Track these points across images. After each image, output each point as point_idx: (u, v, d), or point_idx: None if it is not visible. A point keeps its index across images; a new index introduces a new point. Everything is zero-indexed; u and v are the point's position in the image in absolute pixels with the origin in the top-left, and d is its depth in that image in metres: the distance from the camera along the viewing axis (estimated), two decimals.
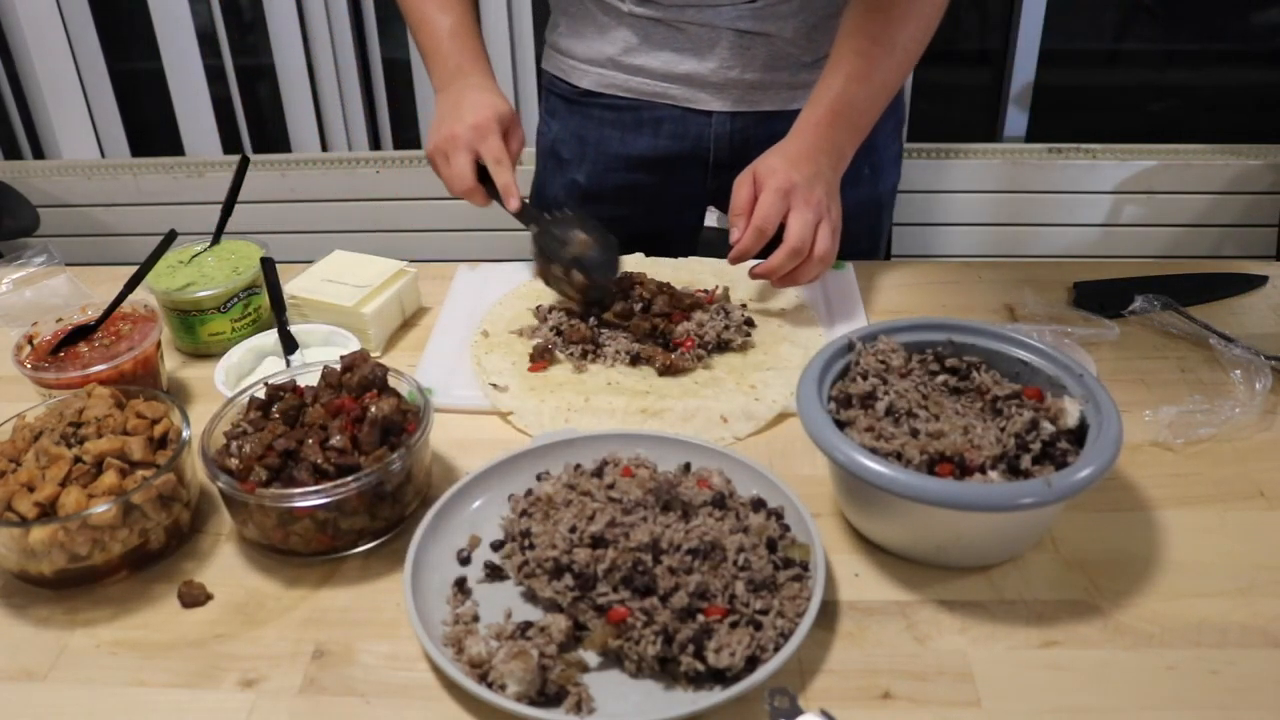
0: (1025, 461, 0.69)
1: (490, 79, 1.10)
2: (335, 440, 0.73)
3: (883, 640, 0.67)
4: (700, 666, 0.62)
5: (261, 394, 0.79)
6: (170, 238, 0.99)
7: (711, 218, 1.33)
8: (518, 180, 1.04)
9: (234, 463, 0.73)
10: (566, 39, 1.20)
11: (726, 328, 0.98)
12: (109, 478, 0.71)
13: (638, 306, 0.99)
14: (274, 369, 0.93)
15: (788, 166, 0.96)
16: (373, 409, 0.75)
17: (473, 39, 1.11)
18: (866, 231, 1.28)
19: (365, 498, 0.73)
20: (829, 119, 1.00)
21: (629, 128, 1.20)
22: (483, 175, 1.04)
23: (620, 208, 1.23)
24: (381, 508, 0.74)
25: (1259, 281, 1.07)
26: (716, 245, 1.14)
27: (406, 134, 2.54)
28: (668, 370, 0.94)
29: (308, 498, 0.70)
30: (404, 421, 0.76)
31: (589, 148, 1.23)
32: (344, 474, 0.71)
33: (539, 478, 0.78)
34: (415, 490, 0.78)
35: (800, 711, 0.55)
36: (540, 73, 1.29)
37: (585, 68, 1.19)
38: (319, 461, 0.72)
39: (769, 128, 1.17)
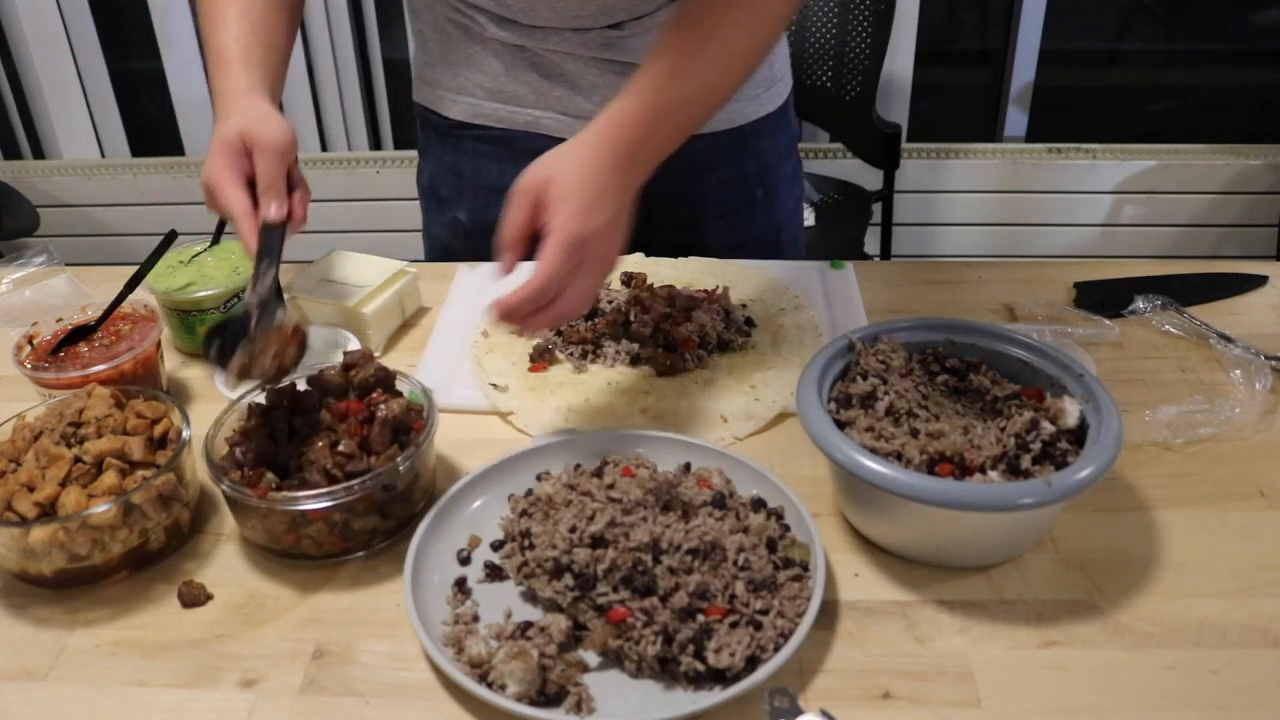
0: (1025, 461, 0.69)
1: (235, 100, 0.87)
2: (344, 443, 0.73)
3: (883, 640, 0.67)
4: (700, 666, 0.62)
5: (262, 399, 0.79)
6: (170, 238, 0.99)
7: None
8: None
9: (241, 469, 0.73)
10: (434, 68, 1.14)
11: (726, 328, 0.98)
12: (109, 478, 0.71)
13: (635, 313, 0.98)
14: None
15: (584, 209, 0.76)
16: (382, 409, 0.75)
17: (240, 61, 0.89)
18: (773, 256, 1.18)
19: (377, 498, 0.73)
20: (637, 120, 0.80)
21: (505, 159, 1.12)
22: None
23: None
24: (392, 507, 0.75)
25: (1259, 281, 1.07)
26: None
27: (406, 134, 2.54)
28: (668, 370, 0.94)
29: (321, 500, 0.70)
30: (411, 421, 0.76)
31: (466, 182, 1.17)
32: (353, 476, 0.72)
33: (539, 478, 0.78)
34: (423, 489, 0.78)
35: (800, 711, 0.55)
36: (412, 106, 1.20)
37: (454, 98, 1.13)
38: (328, 465, 0.72)
39: None
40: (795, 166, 1.26)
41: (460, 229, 1.21)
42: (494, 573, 0.72)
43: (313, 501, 0.70)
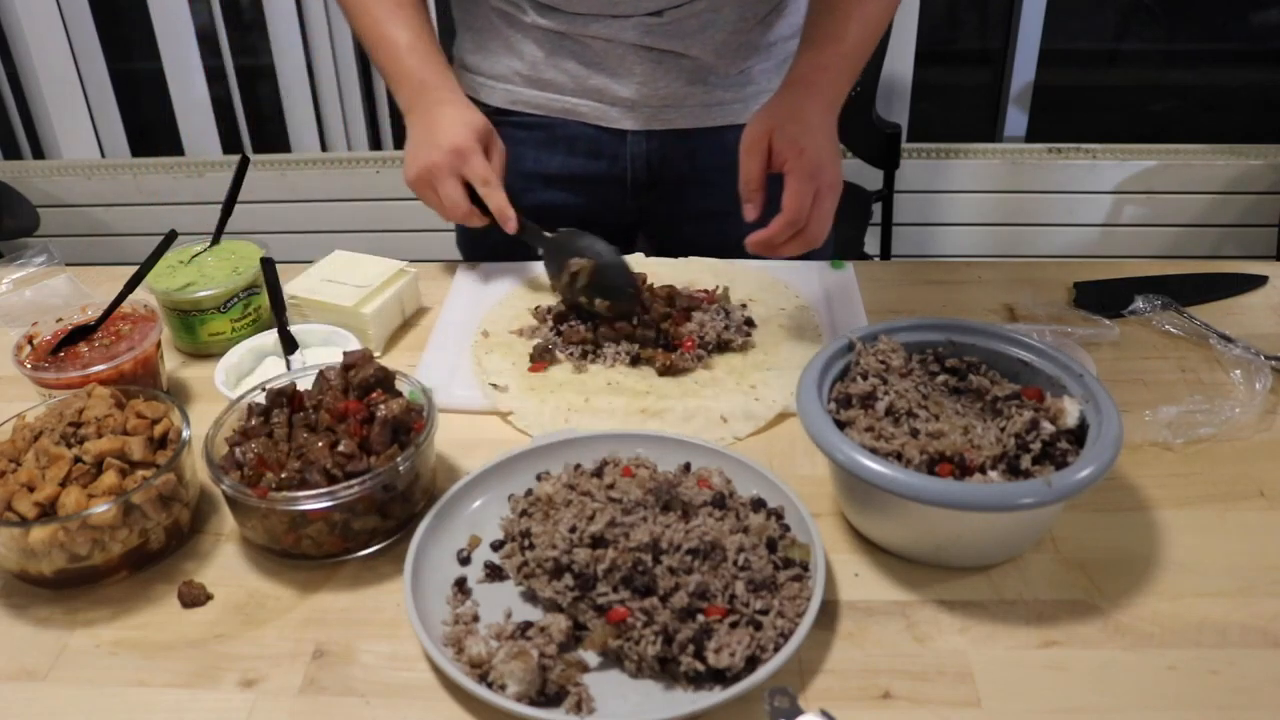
0: (1025, 461, 0.69)
1: (457, 91, 1.05)
2: (344, 443, 0.73)
3: (883, 640, 0.67)
4: (700, 666, 0.62)
5: (261, 399, 0.79)
6: (170, 238, 0.99)
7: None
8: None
9: (241, 469, 0.73)
10: (473, 55, 1.17)
11: (726, 328, 0.98)
12: (109, 478, 0.71)
13: (637, 314, 0.98)
14: (274, 369, 0.93)
15: (813, 142, 0.91)
16: (382, 409, 0.75)
17: (433, 52, 1.05)
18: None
19: (377, 498, 0.73)
20: (828, 62, 0.95)
21: (542, 145, 1.16)
22: (473, 196, 1.02)
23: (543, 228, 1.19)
24: (392, 507, 0.75)
25: (1259, 281, 1.07)
26: None
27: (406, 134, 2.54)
28: (668, 370, 0.94)
29: (321, 500, 0.70)
30: (411, 421, 0.76)
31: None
32: (353, 476, 0.72)
33: (539, 478, 0.78)
34: (423, 489, 0.78)
35: (800, 711, 0.55)
36: None
37: (493, 84, 1.16)
38: (328, 465, 0.72)
39: (686, 146, 1.15)
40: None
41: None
42: (494, 573, 0.72)
43: (313, 501, 0.70)
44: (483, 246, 1.19)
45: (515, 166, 1.17)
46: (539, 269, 1.11)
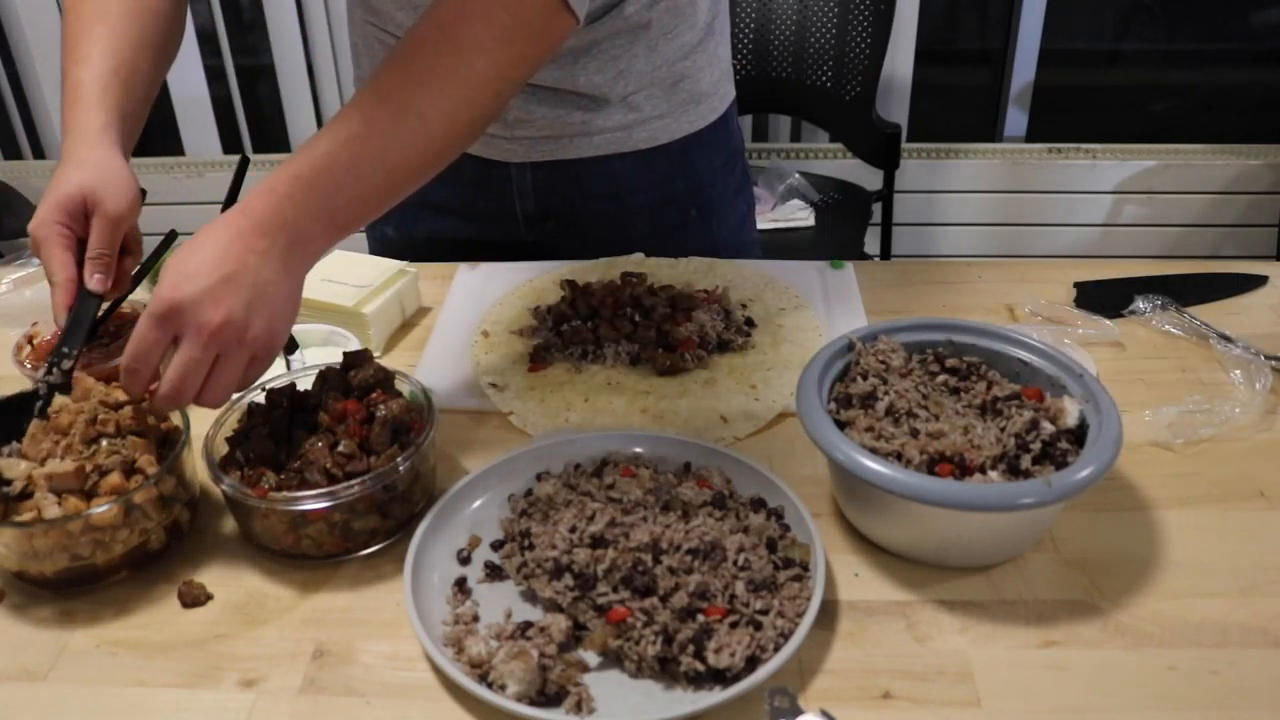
0: (1025, 461, 0.69)
1: (90, 147, 0.82)
2: (344, 443, 0.73)
3: (883, 640, 0.67)
4: (700, 666, 0.62)
5: (262, 399, 0.79)
6: (170, 238, 0.99)
7: None
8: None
9: (241, 469, 0.73)
10: (361, 81, 1.13)
11: (726, 328, 0.98)
12: (110, 478, 0.71)
13: (637, 316, 0.98)
14: (274, 369, 0.92)
15: (175, 282, 0.67)
16: (381, 409, 0.75)
17: (89, 95, 0.83)
18: None
19: (377, 498, 0.73)
20: (290, 186, 0.70)
21: None
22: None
23: (432, 258, 1.14)
24: (392, 508, 0.75)
25: (1259, 281, 1.07)
26: None
27: None
28: (668, 370, 0.94)
29: (320, 500, 0.70)
30: (411, 421, 0.77)
31: None
32: (353, 476, 0.72)
33: (539, 478, 0.78)
34: (423, 489, 0.78)
35: (800, 711, 0.55)
36: None
37: None
38: (328, 465, 0.72)
39: (573, 177, 1.11)
40: (739, 182, 1.22)
41: (390, 242, 1.22)
42: (494, 573, 0.72)
43: (313, 501, 0.70)
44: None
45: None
46: (539, 269, 1.11)
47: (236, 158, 1.05)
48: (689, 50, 1.08)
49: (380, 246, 1.22)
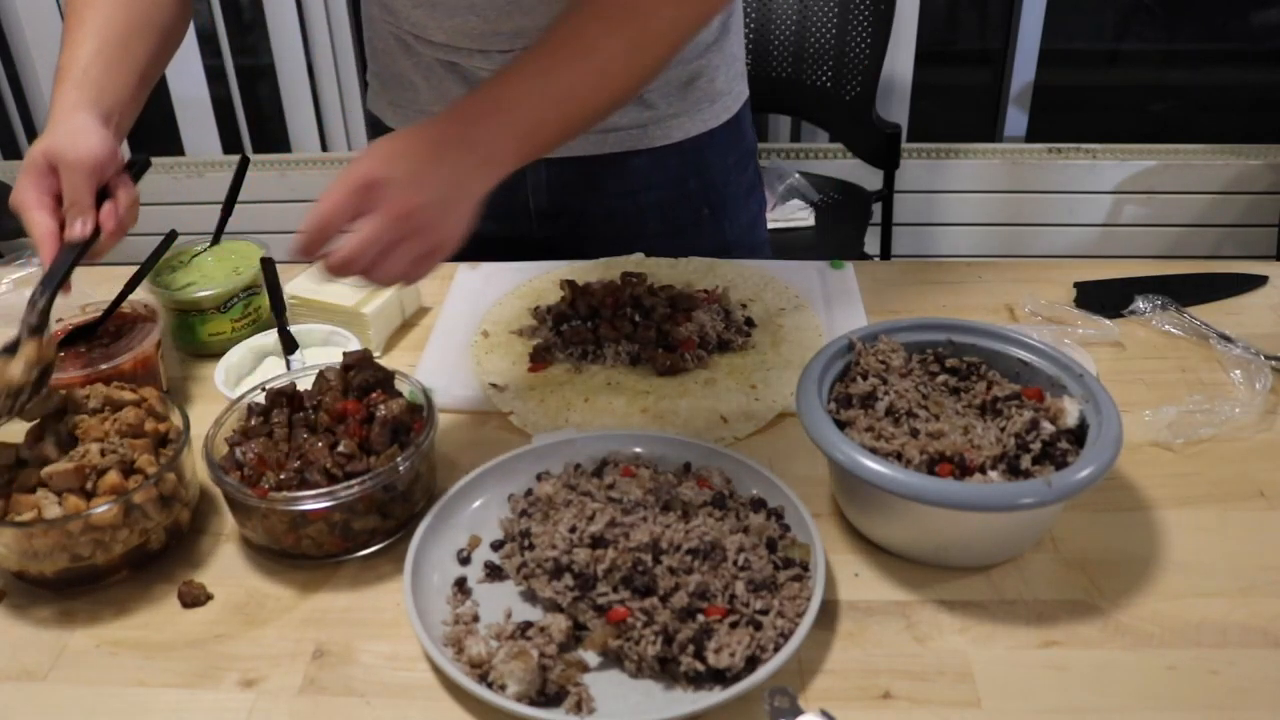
0: (1025, 461, 0.69)
1: (71, 112, 0.83)
2: (344, 443, 0.73)
3: (883, 640, 0.67)
4: (700, 666, 0.62)
5: (261, 399, 0.79)
6: (170, 238, 0.99)
7: None
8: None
9: (241, 469, 0.73)
10: (377, 80, 1.15)
11: (726, 328, 0.98)
12: (110, 478, 0.71)
13: (637, 316, 0.98)
14: (274, 369, 0.93)
15: (384, 158, 0.72)
16: (382, 409, 0.75)
17: (106, 73, 0.86)
18: None
19: (377, 498, 0.73)
20: (477, 110, 0.76)
21: None
22: None
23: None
24: (393, 508, 0.75)
25: (1259, 281, 1.07)
26: None
27: None
28: (668, 370, 0.94)
29: (321, 500, 0.70)
30: (411, 421, 0.77)
31: None
32: (353, 476, 0.72)
33: (539, 478, 0.78)
34: (423, 489, 0.78)
35: (800, 711, 0.55)
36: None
37: (394, 108, 1.13)
38: (328, 465, 0.72)
39: (586, 175, 1.12)
40: (752, 181, 1.22)
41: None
42: (494, 573, 0.72)
43: (313, 501, 0.70)
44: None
45: None
46: (539, 269, 1.11)
47: (236, 158, 1.05)
48: (704, 49, 1.09)
49: None
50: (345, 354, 0.81)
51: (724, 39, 1.12)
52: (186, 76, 2.50)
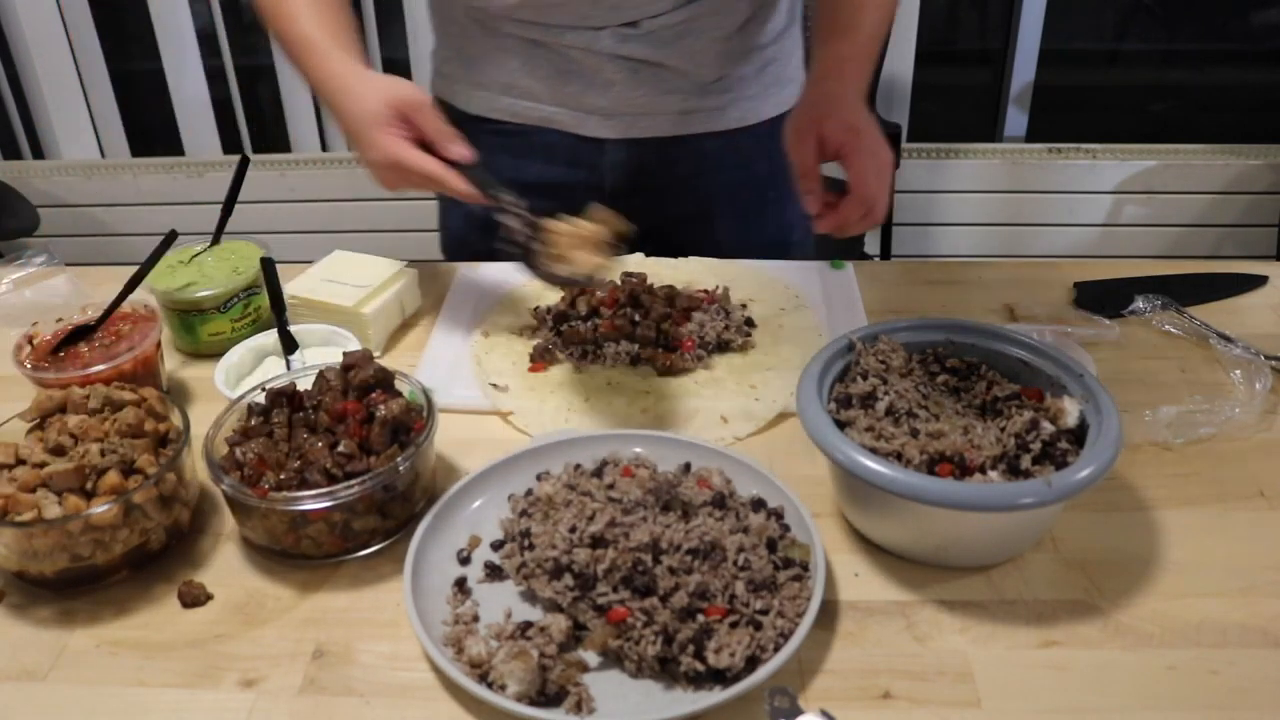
0: (1025, 461, 0.69)
1: (371, 73, 0.93)
2: (344, 443, 0.73)
3: (883, 640, 0.67)
4: (700, 666, 0.62)
5: (261, 399, 0.79)
6: (170, 238, 0.99)
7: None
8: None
9: (241, 469, 0.73)
10: (451, 64, 1.16)
11: (726, 328, 0.98)
12: (110, 478, 0.71)
13: (637, 316, 0.98)
14: (274, 369, 0.93)
15: (865, 124, 0.92)
16: (381, 409, 0.75)
17: (353, 51, 0.94)
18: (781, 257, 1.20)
19: (377, 498, 0.73)
20: (850, 53, 0.97)
21: (519, 153, 1.15)
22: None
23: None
24: (392, 508, 0.75)
25: (1259, 281, 1.07)
26: None
27: None
28: (668, 370, 0.94)
29: (320, 500, 0.70)
30: (411, 421, 0.77)
31: None
32: (353, 476, 0.72)
33: (539, 478, 0.78)
34: (423, 489, 0.78)
35: (800, 711, 0.55)
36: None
37: (470, 92, 1.15)
38: (328, 465, 0.72)
39: (663, 154, 1.14)
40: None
41: (476, 221, 1.21)
42: (494, 573, 0.72)
43: (313, 501, 0.70)
44: (466, 249, 1.19)
45: (493, 173, 1.16)
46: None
47: (236, 158, 1.05)
48: (778, 34, 1.13)
49: (464, 223, 1.21)
50: (345, 354, 0.81)
51: (792, 27, 1.17)
52: (186, 76, 2.50)
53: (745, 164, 1.16)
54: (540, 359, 0.96)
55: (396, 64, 2.47)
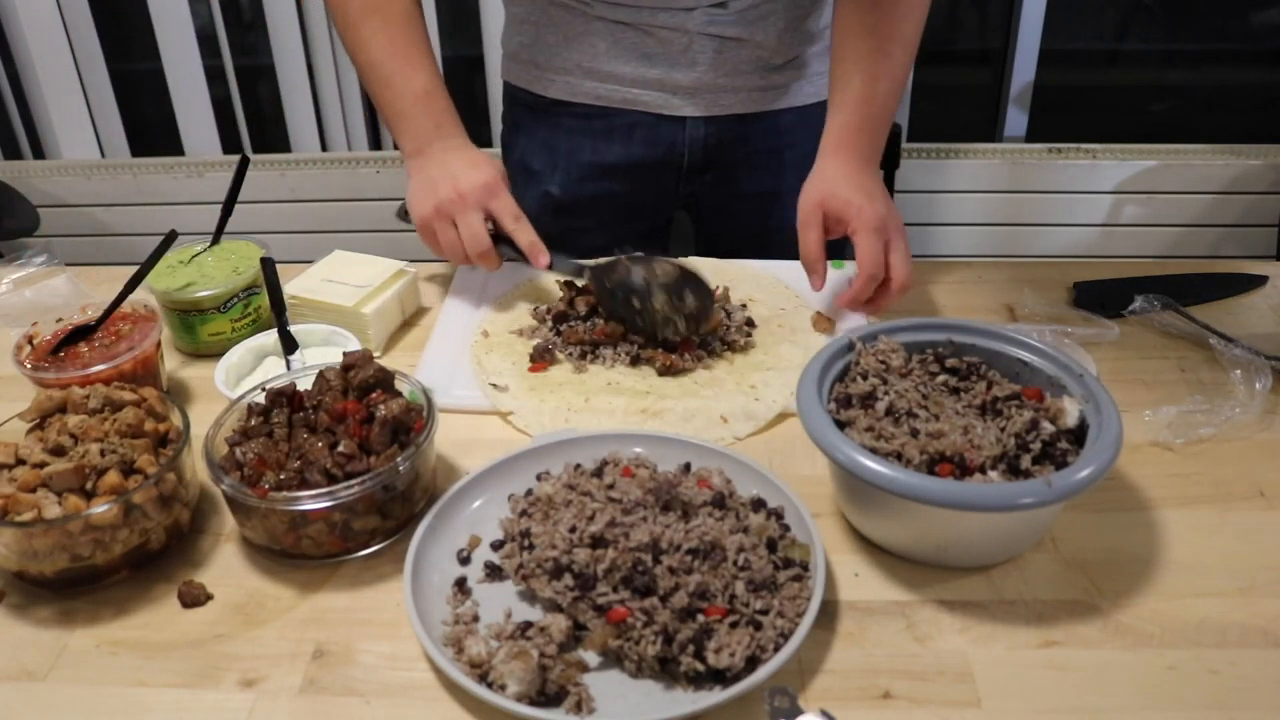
0: (1025, 461, 0.69)
1: (469, 141, 1.04)
2: (344, 443, 0.73)
3: (883, 640, 0.67)
4: (700, 666, 0.62)
5: (261, 399, 0.79)
6: (170, 238, 0.99)
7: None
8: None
9: (241, 469, 0.73)
10: (530, 49, 1.18)
11: (727, 328, 0.98)
12: (110, 478, 0.71)
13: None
14: (274, 369, 0.93)
15: (864, 199, 0.95)
16: (381, 409, 0.75)
17: (446, 98, 1.04)
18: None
19: (377, 498, 0.73)
20: (861, 124, 0.99)
21: (600, 136, 1.18)
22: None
23: (589, 217, 1.22)
24: (392, 508, 0.75)
25: (1259, 281, 1.07)
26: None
27: None
28: (668, 370, 0.94)
29: (320, 500, 0.70)
30: (411, 421, 0.77)
31: (560, 157, 1.21)
32: (353, 476, 0.72)
33: (539, 478, 0.78)
34: (423, 489, 0.78)
35: (800, 711, 0.55)
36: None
37: (551, 77, 1.17)
38: (328, 465, 0.72)
39: (741, 130, 1.18)
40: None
41: (551, 202, 1.24)
42: (494, 573, 0.72)
43: (313, 501, 0.70)
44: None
45: (572, 156, 1.20)
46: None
47: (236, 158, 1.05)
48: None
49: (538, 206, 1.22)
50: (345, 354, 0.81)
51: None
52: (186, 76, 2.50)
53: (816, 137, 1.16)
54: (540, 359, 0.96)
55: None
